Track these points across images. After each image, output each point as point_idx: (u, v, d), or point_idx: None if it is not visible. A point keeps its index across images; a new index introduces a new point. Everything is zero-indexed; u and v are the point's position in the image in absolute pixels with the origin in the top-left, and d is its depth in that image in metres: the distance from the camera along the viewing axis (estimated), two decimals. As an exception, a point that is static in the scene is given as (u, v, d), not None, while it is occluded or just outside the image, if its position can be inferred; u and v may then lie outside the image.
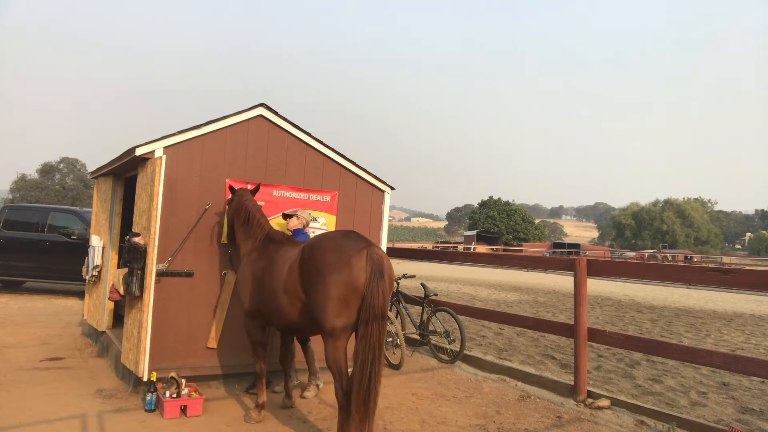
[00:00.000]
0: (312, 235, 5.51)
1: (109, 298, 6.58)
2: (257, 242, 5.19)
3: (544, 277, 28.28)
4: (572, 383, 6.20)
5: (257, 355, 5.17)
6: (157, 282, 5.47)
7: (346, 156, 6.70)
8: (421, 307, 8.07)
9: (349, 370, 4.31)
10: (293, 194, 6.35)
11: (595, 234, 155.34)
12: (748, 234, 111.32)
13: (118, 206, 7.43)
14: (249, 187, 6.00)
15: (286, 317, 4.69)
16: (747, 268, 18.12)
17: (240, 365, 5.98)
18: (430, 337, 7.90)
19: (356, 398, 4.08)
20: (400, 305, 8.09)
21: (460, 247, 55.05)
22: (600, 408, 5.77)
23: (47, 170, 57.39)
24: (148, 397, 5.15)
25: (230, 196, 5.60)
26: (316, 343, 5.58)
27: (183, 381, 5.25)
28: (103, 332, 7.37)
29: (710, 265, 16.73)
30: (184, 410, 5.10)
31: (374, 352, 4.11)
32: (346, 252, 4.26)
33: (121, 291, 5.68)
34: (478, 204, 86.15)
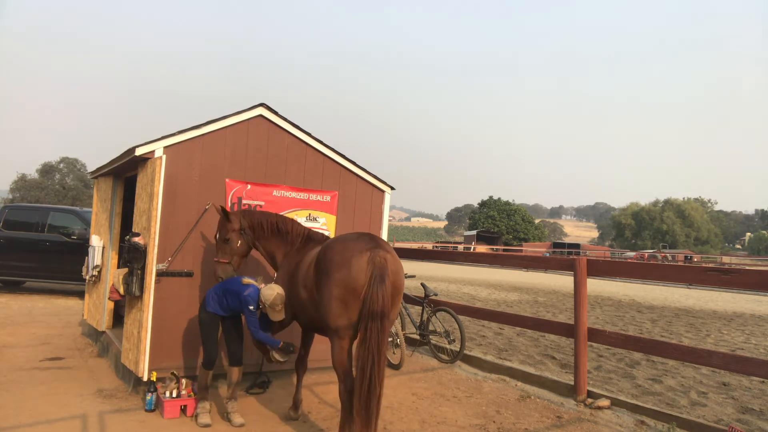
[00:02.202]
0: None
1: (109, 298, 6.58)
2: (298, 244, 5.23)
3: (544, 277, 28.27)
4: (572, 383, 6.20)
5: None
6: (157, 282, 5.46)
7: (346, 156, 6.70)
8: (421, 307, 8.07)
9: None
10: (293, 194, 6.35)
11: (595, 234, 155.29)
12: (748, 234, 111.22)
13: (118, 206, 7.43)
14: (249, 186, 6.03)
15: (306, 313, 4.80)
16: (747, 268, 18.12)
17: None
18: (430, 337, 7.89)
19: (357, 402, 4.06)
20: (400, 305, 8.09)
21: (460, 247, 55.03)
22: (600, 408, 5.76)
23: (47, 170, 57.40)
24: (148, 397, 5.15)
25: (226, 219, 5.13)
26: (321, 342, 5.55)
27: (184, 381, 5.25)
28: (103, 332, 7.37)
29: (710, 265, 16.71)
30: (184, 410, 5.10)
31: (374, 356, 4.06)
32: (349, 252, 4.28)
33: (121, 291, 5.68)
34: (478, 204, 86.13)
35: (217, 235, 5.24)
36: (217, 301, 4.94)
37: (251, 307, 4.74)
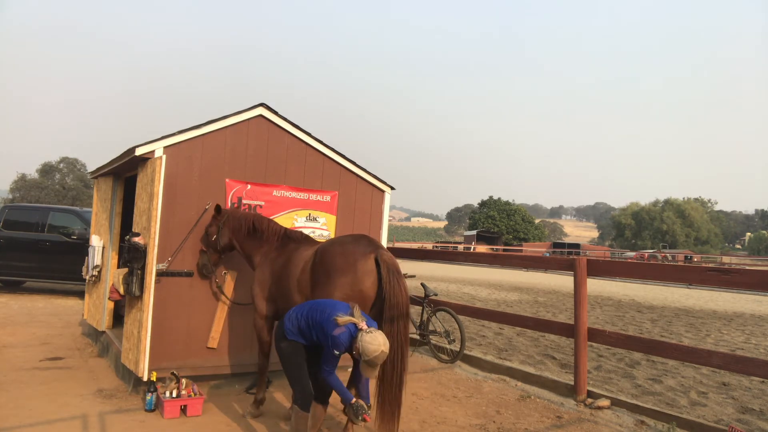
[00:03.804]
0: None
1: (109, 298, 6.58)
2: (275, 243, 5.27)
3: (544, 277, 28.27)
4: (572, 383, 6.20)
5: (262, 352, 5.23)
6: (157, 282, 5.46)
7: (346, 156, 6.70)
8: (421, 307, 8.07)
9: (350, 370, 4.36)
10: (293, 194, 6.35)
11: (595, 234, 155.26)
12: (748, 234, 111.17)
13: (118, 206, 7.42)
14: (249, 186, 6.04)
15: None
16: (747, 268, 18.11)
17: (240, 365, 5.98)
18: (430, 337, 7.89)
19: (389, 393, 4.17)
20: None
21: (460, 247, 55.02)
22: (600, 408, 5.76)
23: (47, 170, 57.39)
24: (148, 397, 5.15)
25: (215, 214, 5.51)
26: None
27: (184, 381, 5.25)
28: (103, 332, 7.37)
29: (710, 265, 16.72)
30: (184, 410, 5.10)
31: (402, 349, 4.20)
32: (353, 256, 4.39)
33: (121, 291, 5.68)
34: (478, 204, 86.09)
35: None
36: (297, 326, 4.00)
37: (336, 352, 3.78)
